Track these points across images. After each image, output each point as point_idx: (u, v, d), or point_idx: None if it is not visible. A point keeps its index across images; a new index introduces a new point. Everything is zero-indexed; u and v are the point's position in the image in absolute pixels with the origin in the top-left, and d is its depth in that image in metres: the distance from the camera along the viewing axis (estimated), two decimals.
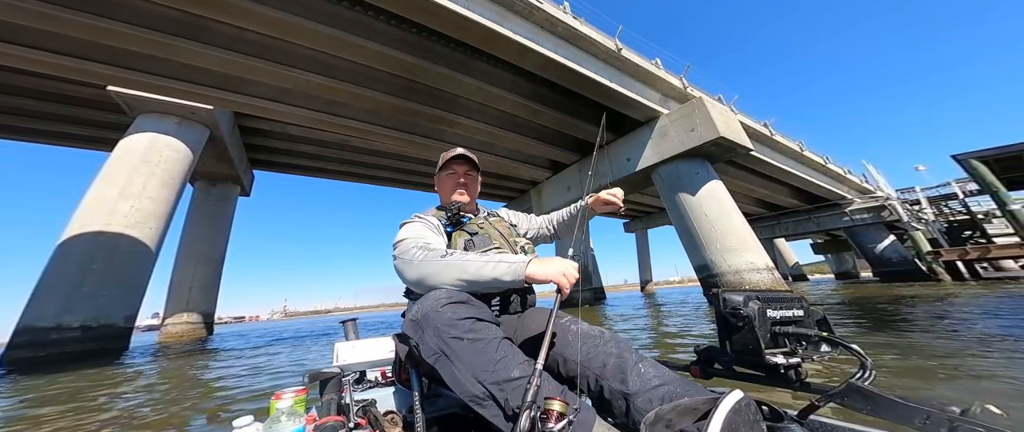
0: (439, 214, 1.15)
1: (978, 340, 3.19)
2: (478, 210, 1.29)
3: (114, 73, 8.08)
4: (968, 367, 2.39)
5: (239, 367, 4.78)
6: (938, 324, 4.26)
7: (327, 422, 0.78)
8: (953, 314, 5.00)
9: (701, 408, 0.61)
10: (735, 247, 9.00)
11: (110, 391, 3.65)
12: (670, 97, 11.18)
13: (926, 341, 3.30)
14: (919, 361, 2.62)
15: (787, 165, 16.26)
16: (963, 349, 2.89)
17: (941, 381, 2.18)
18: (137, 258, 9.27)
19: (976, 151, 14.90)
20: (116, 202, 9.25)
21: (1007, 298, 6.66)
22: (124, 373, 4.88)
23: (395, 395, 1.14)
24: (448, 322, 0.75)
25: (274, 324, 46.50)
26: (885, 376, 2.29)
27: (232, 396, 3.04)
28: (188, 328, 13.18)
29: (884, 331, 4.01)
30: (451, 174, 1.22)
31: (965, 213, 19.91)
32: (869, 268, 32.66)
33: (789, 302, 0.72)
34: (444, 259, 0.86)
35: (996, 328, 3.76)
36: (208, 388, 3.52)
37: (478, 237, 1.08)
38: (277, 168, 17.35)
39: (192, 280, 13.72)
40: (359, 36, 7.60)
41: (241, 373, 4.26)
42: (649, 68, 10.18)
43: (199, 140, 11.66)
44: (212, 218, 14.81)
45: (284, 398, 0.90)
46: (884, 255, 21.12)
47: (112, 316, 8.47)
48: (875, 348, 3.13)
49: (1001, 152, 14.58)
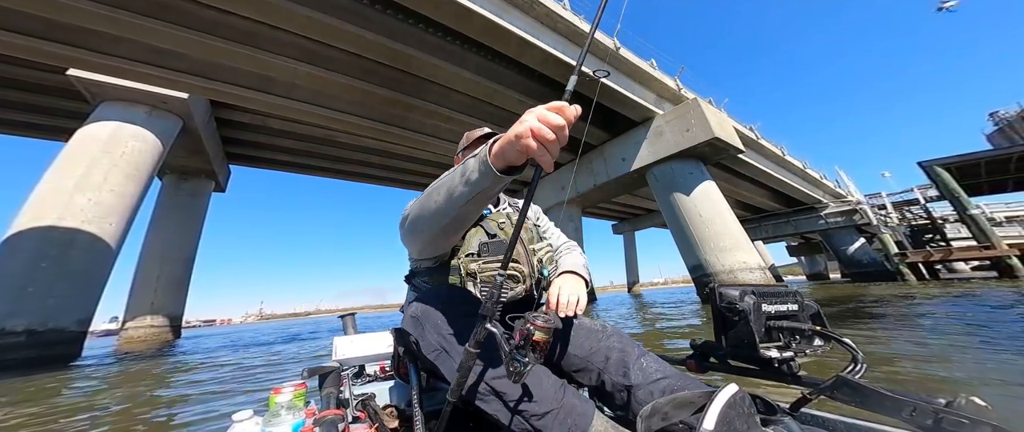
0: None
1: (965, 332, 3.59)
2: (499, 200, 1.16)
3: (77, 55, 7.37)
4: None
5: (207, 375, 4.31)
6: (923, 318, 4.65)
7: (326, 415, 0.77)
8: (935, 312, 5.32)
9: (697, 401, 0.62)
10: (729, 247, 9.13)
11: (47, 402, 3.15)
12: (664, 98, 11.30)
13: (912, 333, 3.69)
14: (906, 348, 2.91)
15: (770, 169, 16.85)
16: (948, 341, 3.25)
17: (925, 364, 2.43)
18: (94, 256, 8.45)
19: (940, 158, 15.95)
20: (72, 195, 8.41)
21: (963, 295, 7.44)
22: (65, 382, 4.31)
23: (394, 389, 1.14)
24: (449, 318, 0.75)
25: (246, 327, 44.09)
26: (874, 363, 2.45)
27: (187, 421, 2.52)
28: (152, 332, 12.18)
29: (870, 324, 4.36)
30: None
31: (926, 218, 21.29)
32: (838, 270, 34.68)
33: (784, 297, 0.73)
34: (423, 195, 0.79)
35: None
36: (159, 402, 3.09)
37: (494, 242, 0.94)
38: (257, 163, 16.43)
39: (157, 280, 12.72)
40: (352, 24, 7.22)
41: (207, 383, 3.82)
42: (645, 69, 10.24)
43: (170, 131, 10.82)
44: (182, 214, 13.82)
45: (283, 392, 0.87)
46: (855, 257, 22.25)
47: (63, 319, 7.67)
48: (864, 338, 3.43)
49: (962, 160, 15.67)
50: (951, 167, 15.61)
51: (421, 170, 16.99)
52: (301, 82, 8.86)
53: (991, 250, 13.70)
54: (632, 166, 11.19)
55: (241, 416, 0.77)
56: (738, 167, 15.60)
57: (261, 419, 0.79)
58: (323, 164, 16.44)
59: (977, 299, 6.55)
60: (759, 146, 15.54)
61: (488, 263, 0.89)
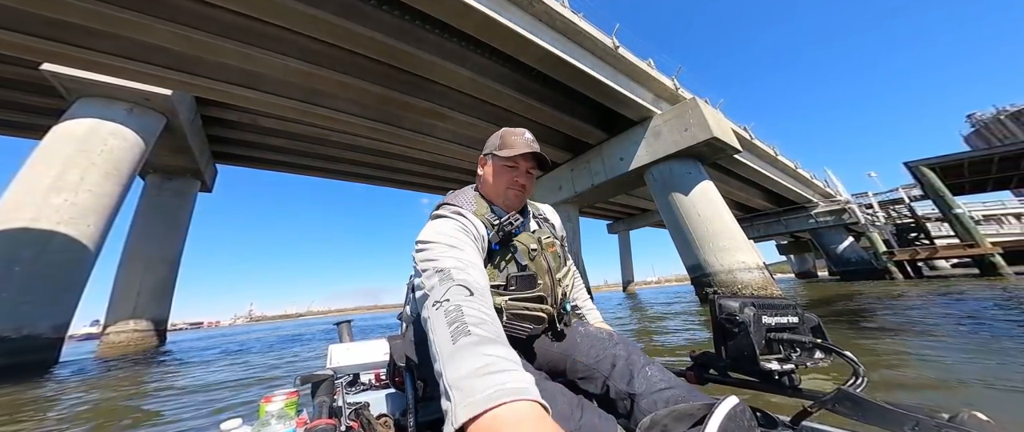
0: (485, 215, 0.89)
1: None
2: (526, 209, 1.02)
3: (53, 48, 6.98)
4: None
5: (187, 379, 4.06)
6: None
7: (318, 425, 0.76)
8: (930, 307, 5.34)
9: (696, 414, 0.61)
10: (728, 247, 9.15)
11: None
12: (662, 98, 11.28)
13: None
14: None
15: (764, 168, 17.05)
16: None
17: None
18: (71, 259, 8.05)
19: (924, 159, 16.36)
20: (47, 195, 8.00)
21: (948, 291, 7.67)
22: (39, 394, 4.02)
23: (388, 398, 1.13)
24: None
25: (236, 329, 42.86)
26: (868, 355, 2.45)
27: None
28: (135, 336, 11.69)
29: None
30: (513, 168, 0.92)
31: (910, 217, 21.85)
32: (825, 268, 35.44)
33: (784, 309, 0.73)
34: (454, 341, 0.53)
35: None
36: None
37: (524, 276, 0.84)
38: (246, 162, 15.95)
39: (141, 283, 12.21)
40: (349, 20, 6.99)
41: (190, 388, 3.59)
42: (644, 68, 10.20)
43: (153, 129, 10.39)
44: (166, 215, 13.31)
45: (274, 401, 0.85)
46: (844, 255, 22.72)
47: (38, 325, 7.31)
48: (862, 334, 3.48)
49: (946, 160, 16.09)
50: (936, 167, 16.02)
51: (416, 170, 16.73)
52: (294, 79, 8.57)
53: (975, 248, 14.08)
54: (630, 166, 11.14)
55: (229, 425, 0.75)
56: (732, 167, 15.74)
57: (250, 428, 0.77)
58: (315, 163, 16.05)
59: (982, 297, 6.59)
60: (752, 146, 15.71)
61: (516, 300, 0.82)
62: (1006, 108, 54.37)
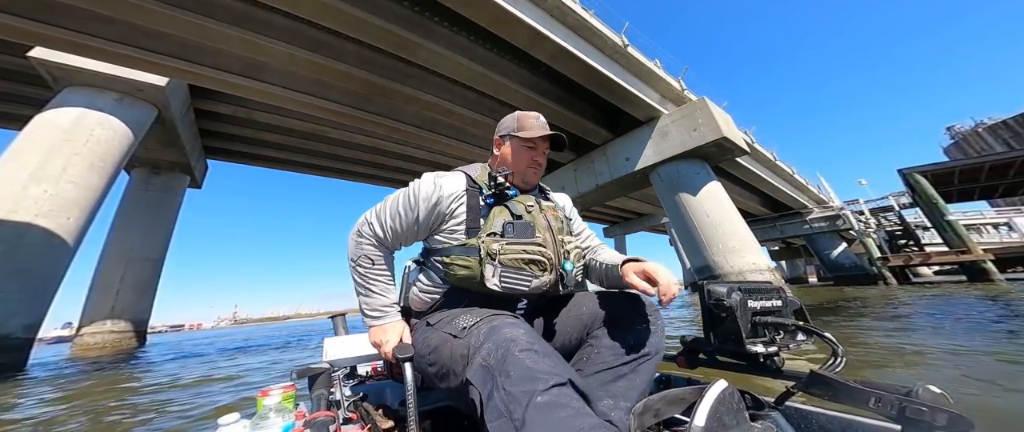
0: (484, 179, 0.96)
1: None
2: (530, 183, 1.06)
3: (49, 32, 6.62)
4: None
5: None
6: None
7: (317, 417, 0.77)
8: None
9: (688, 398, 0.66)
10: (738, 248, 9.07)
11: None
12: (668, 98, 11.27)
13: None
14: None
15: (763, 173, 17.21)
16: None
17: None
18: (48, 254, 7.55)
19: (917, 166, 16.75)
20: (26, 185, 7.51)
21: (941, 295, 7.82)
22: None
23: (387, 390, 1.15)
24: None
25: (219, 332, 40.90)
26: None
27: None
28: (112, 338, 11.02)
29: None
30: (532, 148, 1.00)
31: (900, 224, 22.34)
32: (814, 274, 36.00)
33: (769, 293, 0.75)
34: (365, 280, 0.90)
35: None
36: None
37: (520, 223, 0.87)
38: (239, 158, 15.42)
39: (121, 282, 11.56)
40: (358, 7, 6.76)
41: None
42: (651, 68, 10.17)
43: (143, 121, 9.92)
44: (152, 211, 12.72)
45: (272, 394, 0.84)
46: (837, 261, 23.06)
47: (8, 324, 6.82)
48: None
49: (937, 168, 16.50)
50: (927, 174, 16.40)
51: (415, 169, 16.41)
52: (299, 69, 8.29)
53: (967, 254, 14.35)
54: (636, 166, 11.05)
55: (227, 420, 0.74)
56: (733, 171, 15.83)
57: (248, 422, 0.77)
58: (311, 160, 15.63)
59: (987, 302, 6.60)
60: (754, 150, 15.85)
61: (512, 245, 0.83)
62: (984, 121, 56.62)
